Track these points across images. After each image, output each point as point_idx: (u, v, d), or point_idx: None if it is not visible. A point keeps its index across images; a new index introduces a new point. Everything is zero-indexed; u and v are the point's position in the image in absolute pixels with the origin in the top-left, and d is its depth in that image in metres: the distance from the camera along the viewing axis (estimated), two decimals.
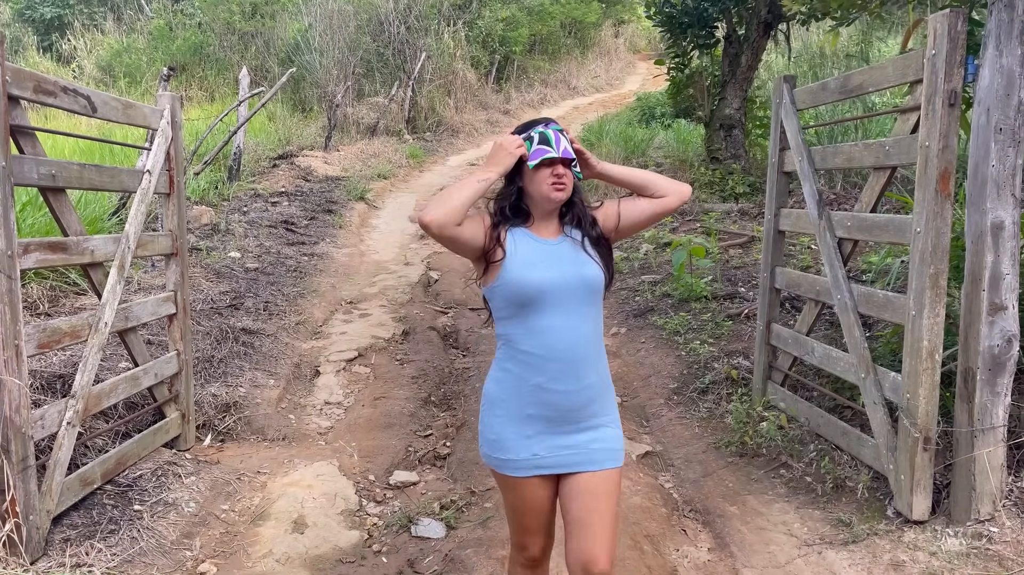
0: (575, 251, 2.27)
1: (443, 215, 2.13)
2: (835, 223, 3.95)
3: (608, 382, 2.33)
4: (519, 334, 2.24)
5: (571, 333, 2.20)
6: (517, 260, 2.23)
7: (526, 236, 2.28)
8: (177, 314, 4.43)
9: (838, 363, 3.90)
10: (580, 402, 2.23)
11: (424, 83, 17.81)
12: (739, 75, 11.03)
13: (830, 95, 4.07)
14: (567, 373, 2.20)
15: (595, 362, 2.26)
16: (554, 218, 2.31)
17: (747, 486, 3.93)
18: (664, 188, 2.30)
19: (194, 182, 9.66)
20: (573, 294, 2.20)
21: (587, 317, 2.23)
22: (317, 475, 4.13)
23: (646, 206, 2.32)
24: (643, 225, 2.40)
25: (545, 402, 2.23)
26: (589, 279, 2.22)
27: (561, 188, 2.23)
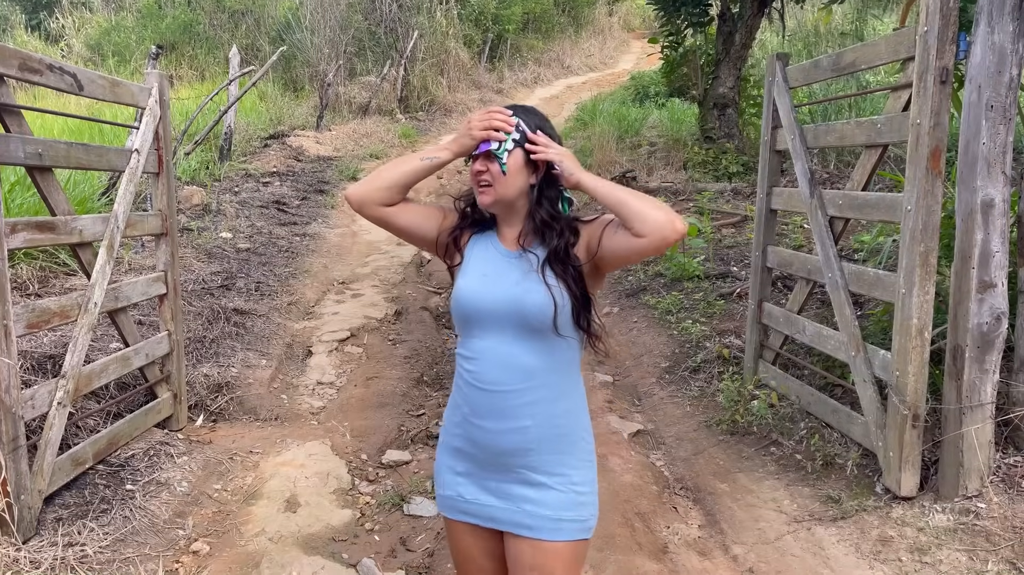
0: (526, 272, 1.87)
1: (363, 191, 1.93)
2: (827, 201, 3.95)
3: (565, 432, 1.90)
4: (462, 353, 1.96)
5: (501, 364, 1.86)
6: (468, 268, 1.95)
7: (488, 243, 1.98)
8: (168, 294, 4.42)
9: (829, 341, 3.91)
10: (507, 447, 1.87)
11: (416, 62, 17.68)
12: (733, 54, 10.97)
13: (823, 73, 4.06)
14: (491, 409, 1.87)
15: (535, 404, 1.86)
16: (517, 225, 1.95)
17: (738, 464, 3.96)
18: (642, 224, 1.72)
19: (184, 162, 9.60)
20: (507, 321, 1.85)
21: (528, 350, 1.86)
22: (309, 455, 4.14)
23: (622, 241, 1.79)
24: (620, 263, 1.89)
25: (469, 437, 1.92)
26: (527, 309, 1.82)
27: (483, 190, 1.89)
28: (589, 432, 1.96)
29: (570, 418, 1.91)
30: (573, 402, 1.94)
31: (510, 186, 1.88)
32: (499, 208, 1.93)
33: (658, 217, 1.72)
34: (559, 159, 1.87)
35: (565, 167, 1.86)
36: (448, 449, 2.00)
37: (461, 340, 1.99)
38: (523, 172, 1.89)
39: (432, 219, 2.02)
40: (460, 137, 1.93)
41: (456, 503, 1.96)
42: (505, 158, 1.88)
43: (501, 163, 1.88)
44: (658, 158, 11.54)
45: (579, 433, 1.93)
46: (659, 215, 1.72)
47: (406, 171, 1.94)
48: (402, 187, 1.95)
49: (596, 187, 1.82)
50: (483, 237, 2.00)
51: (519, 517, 1.87)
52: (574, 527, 1.88)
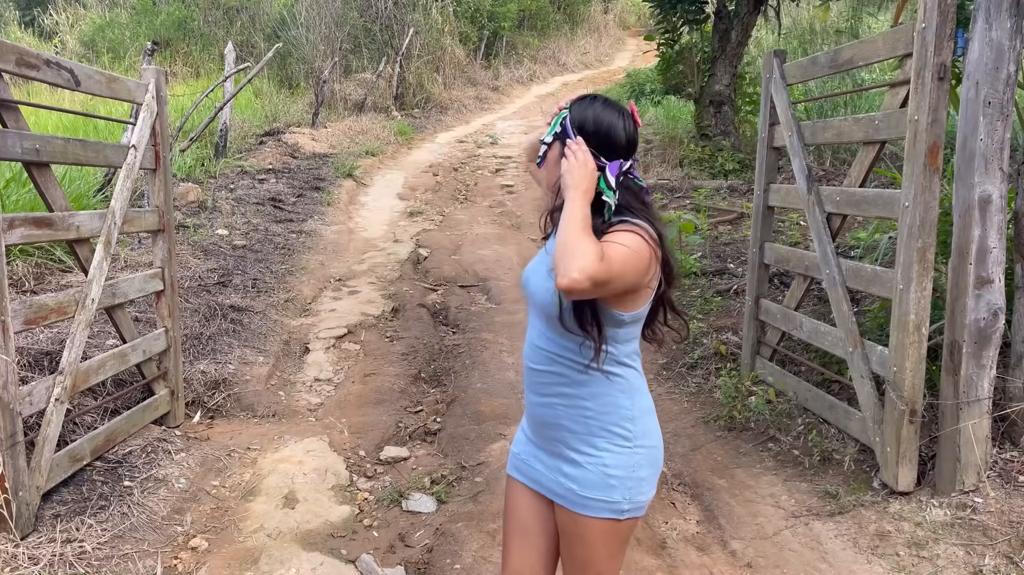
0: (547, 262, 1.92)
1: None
2: (824, 198, 3.96)
3: (592, 417, 1.89)
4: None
5: (533, 343, 1.98)
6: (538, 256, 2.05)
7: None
8: (165, 291, 4.41)
9: (826, 338, 3.92)
10: (542, 419, 1.98)
11: (412, 59, 17.67)
12: (729, 51, 10.98)
13: (820, 69, 4.07)
14: (531, 383, 2.00)
15: (559, 386, 1.92)
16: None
17: (736, 460, 3.97)
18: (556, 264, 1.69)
19: (180, 159, 9.57)
20: (535, 307, 1.96)
21: (545, 337, 1.93)
22: (307, 451, 4.14)
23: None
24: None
25: (527, 405, 2.06)
26: (540, 300, 1.91)
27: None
28: (632, 421, 1.90)
29: (600, 403, 1.89)
30: (603, 388, 1.89)
31: (543, 178, 1.93)
32: (543, 190, 1.99)
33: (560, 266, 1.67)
34: (565, 170, 1.81)
35: (563, 178, 1.82)
36: (526, 414, 2.10)
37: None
38: (556, 168, 1.86)
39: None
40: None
41: (516, 462, 2.09)
42: (543, 149, 1.91)
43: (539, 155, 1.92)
44: (654, 155, 11.55)
45: (613, 419, 1.89)
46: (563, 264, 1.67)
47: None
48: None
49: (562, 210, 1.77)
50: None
51: (555, 487, 1.95)
52: (602, 507, 1.89)
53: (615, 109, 1.88)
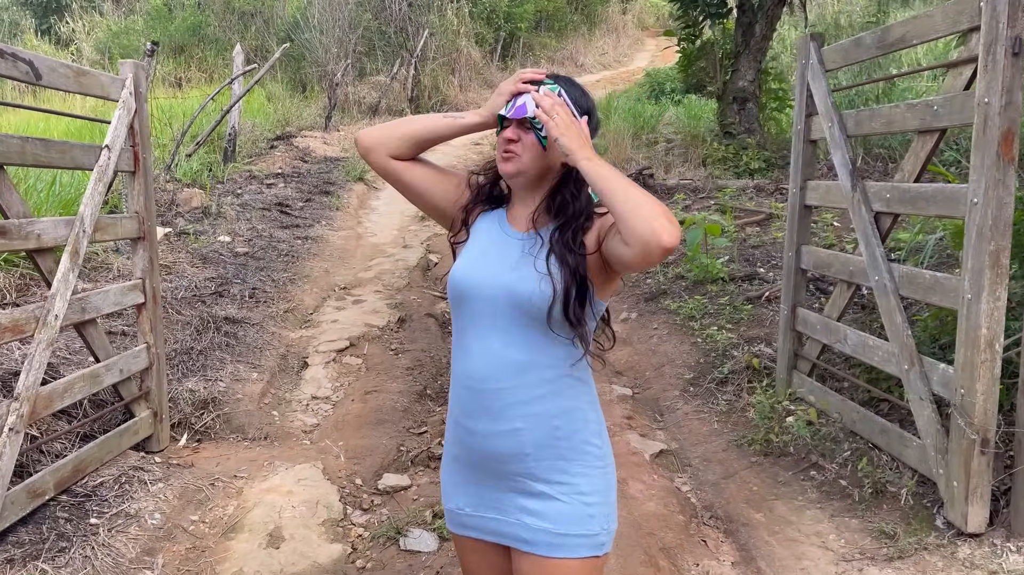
0: (527, 256, 1.68)
1: (376, 137, 1.80)
2: (871, 195, 3.52)
3: (564, 435, 1.68)
4: (454, 347, 1.79)
5: (490, 357, 1.68)
6: (469, 246, 1.79)
7: (495, 221, 1.80)
8: (146, 303, 4.05)
9: (876, 352, 3.49)
10: (500, 452, 1.68)
11: (427, 61, 17.35)
12: (753, 46, 10.53)
13: (865, 51, 3.63)
14: (481, 409, 1.69)
15: (527, 404, 1.66)
16: (531, 203, 1.74)
17: (774, 490, 3.54)
18: (626, 230, 1.48)
19: (186, 164, 9.29)
20: (498, 309, 1.67)
21: (521, 342, 1.66)
22: (298, 480, 3.76)
23: (615, 245, 1.57)
24: (618, 269, 1.65)
25: (463, 442, 1.76)
26: (519, 296, 1.64)
27: (507, 156, 1.69)
28: (599, 436, 1.74)
29: (569, 420, 1.70)
30: (573, 402, 1.71)
31: (542, 161, 1.70)
32: (520, 182, 1.74)
33: (641, 225, 1.46)
34: (558, 134, 1.60)
35: (563, 144, 1.60)
36: (449, 457, 1.84)
37: (454, 330, 1.82)
38: (555, 149, 1.69)
39: (446, 185, 1.86)
40: (493, 99, 1.76)
41: (458, 516, 1.81)
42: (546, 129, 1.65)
43: (541, 136, 1.68)
44: (676, 155, 11.11)
45: (583, 436, 1.71)
46: (642, 223, 1.46)
47: (426, 126, 1.81)
48: (417, 142, 1.81)
49: (591, 173, 1.56)
50: (492, 215, 1.83)
51: (519, 531, 1.70)
52: (582, 543, 1.68)
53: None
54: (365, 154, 1.82)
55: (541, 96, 1.66)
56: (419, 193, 1.85)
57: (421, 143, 1.80)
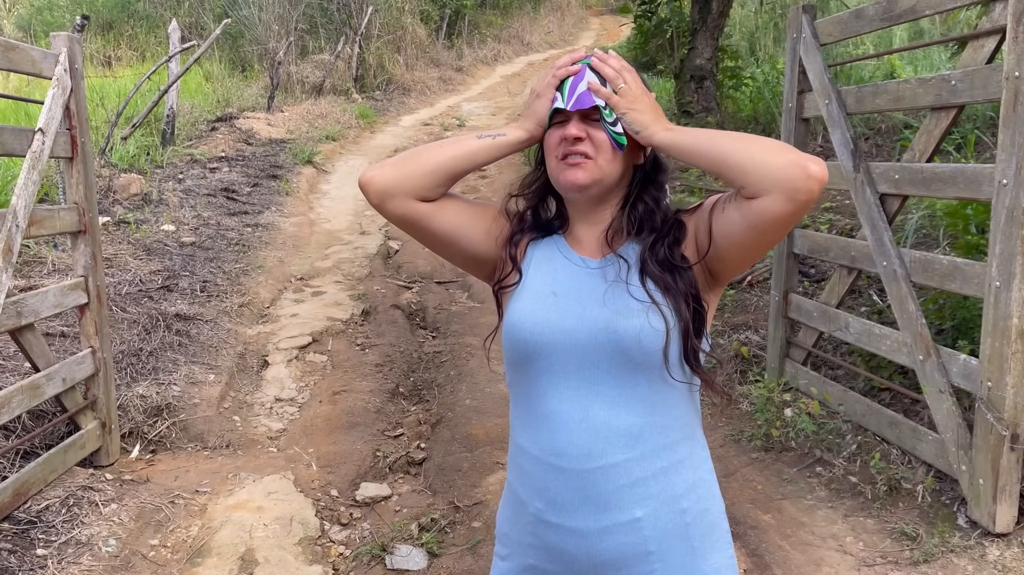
0: (617, 284, 1.30)
1: (392, 177, 1.36)
2: (877, 176, 3.34)
3: (695, 518, 1.30)
4: (518, 418, 1.37)
5: (589, 424, 1.27)
6: (528, 287, 1.38)
7: (554, 250, 1.40)
8: (90, 304, 3.66)
9: (883, 342, 3.32)
10: (613, 555, 1.26)
11: (372, 39, 16.82)
12: (710, 23, 10.39)
13: (868, 24, 3.44)
14: (582, 498, 1.26)
15: (648, 483, 1.27)
16: (600, 223, 1.38)
17: (779, 488, 3.36)
18: (757, 176, 1.16)
19: (122, 148, 8.72)
20: (593, 359, 1.27)
21: (625, 401, 1.27)
22: (268, 493, 3.44)
23: (738, 215, 1.22)
24: (745, 251, 1.27)
25: (549, 547, 1.31)
26: (622, 337, 1.25)
27: (576, 163, 1.31)
28: (725, 516, 1.38)
29: (698, 498, 1.31)
30: (698, 471, 1.33)
31: (619, 164, 1.34)
32: (590, 195, 1.35)
33: (773, 160, 1.16)
34: (626, 106, 1.30)
35: (630, 120, 1.30)
36: (515, 571, 1.37)
37: (516, 398, 1.39)
38: (634, 147, 1.35)
39: (483, 223, 1.44)
40: (530, 106, 1.37)
41: None
42: (619, 126, 1.32)
43: (614, 133, 1.31)
44: None
45: (712, 518, 1.33)
46: (774, 157, 1.16)
47: (460, 152, 1.38)
48: (451, 174, 1.39)
49: (675, 142, 1.26)
50: (545, 243, 1.43)
51: None
52: None
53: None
54: (381, 202, 1.37)
55: (603, 63, 1.32)
56: (452, 241, 1.42)
57: (455, 175, 1.38)
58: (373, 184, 1.36)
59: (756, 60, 13.19)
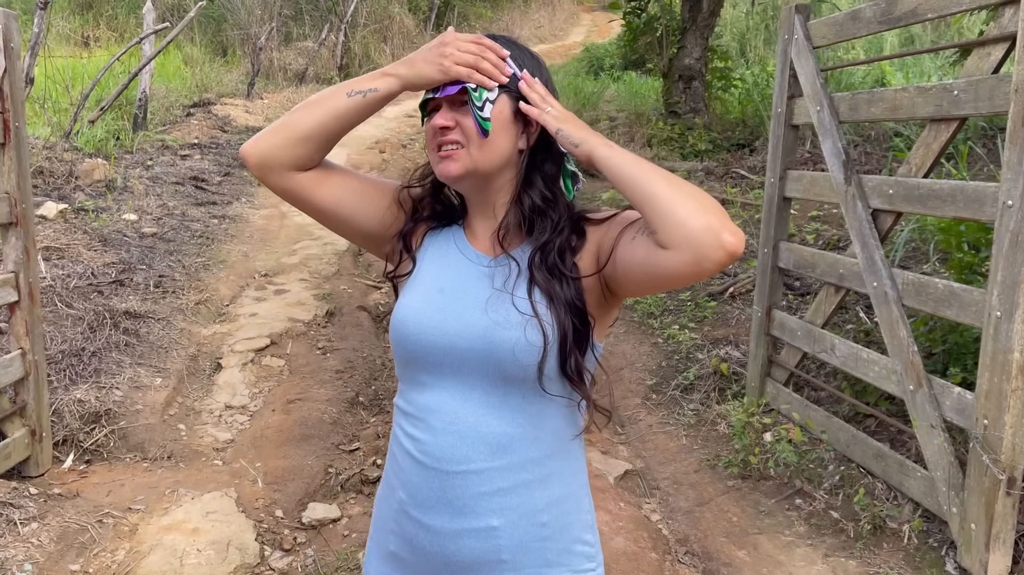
0: (501, 292, 1.23)
1: (268, 145, 1.28)
2: (869, 190, 3.12)
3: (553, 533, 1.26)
4: (401, 407, 1.32)
5: (457, 429, 1.23)
6: (418, 280, 1.32)
7: (450, 242, 1.34)
8: (20, 302, 3.39)
9: (871, 368, 3.11)
10: (464, 558, 1.23)
11: (358, 27, 16.53)
12: (700, 22, 10.19)
13: (864, 26, 3.21)
14: (440, 499, 1.23)
15: (508, 494, 1.23)
16: (493, 216, 1.30)
17: (756, 521, 3.14)
18: (669, 228, 1.08)
19: (88, 131, 8.40)
20: (468, 365, 1.22)
21: (495, 410, 1.22)
22: (206, 513, 3.18)
23: (642, 251, 1.14)
24: (639, 285, 1.20)
25: (407, 538, 1.28)
26: (498, 349, 1.19)
27: (447, 154, 1.24)
28: (592, 530, 1.33)
29: (560, 513, 1.27)
30: (566, 487, 1.29)
31: (492, 151, 1.25)
32: (469, 185, 1.29)
33: (693, 219, 1.07)
34: (557, 124, 1.22)
35: (567, 134, 1.21)
36: (381, 552, 1.35)
37: (402, 386, 1.34)
38: (510, 130, 1.26)
39: (377, 201, 1.35)
40: (417, 60, 1.25)
41: None
42: (487, 109, 1.23)
43: (480, 118, 1.23)
44: (620, 134, 10.67)
45: (575, 533, 1.29)
46: (695, 217, 1.08)
47: (328, 111, 1.27)
48: (323, 139, 1.28)
49: (612, 162, 1.16)
50: (444, 234, 1.36)
51: None
52: None
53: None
54: (262, 176, 1.29)
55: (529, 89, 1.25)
56: (340, 218, 1.34)
57: (328, 138, 1.28)
58: (250, 157, 1.29)
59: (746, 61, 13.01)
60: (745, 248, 1.12)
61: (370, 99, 1.26)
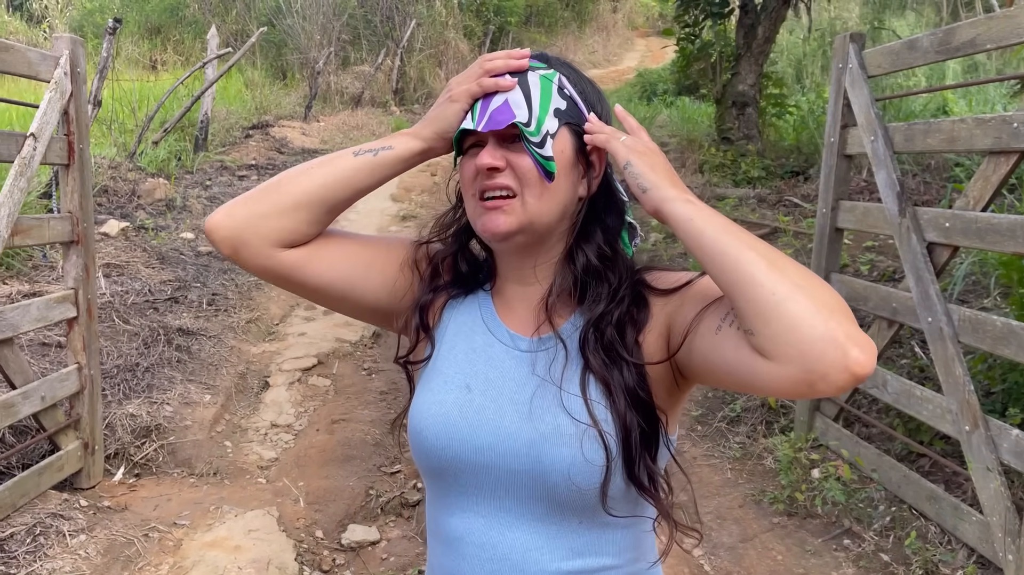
0: (549, 390, 0.99)
1: (243, 219, 1.03)
2: (925, 223, 3.04)
3: None
4: (431, 532, 1.11)
5: (499, 566, 1.00)
6: (436, 370, 1.08)
7: (477, 317, 1.09)
8: (79, 318, 3.49)
9: (925, 406, 3.01)
10: None
11: (414, 52, 16.82)
12: (755, 48, 10.10)
13: (921, 56, 3.15)
14: None
15: None
16: (536, 281, 1.06)
17: (802, 560, 3.05)
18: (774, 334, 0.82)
19: (152, 152, 8.69)
20: (514, 491, 0.99)
21: (548, 542, 0.99)
22: (249, 531, 3.22)
23: (732, 353, 0.89)
24: (721, 384, 0.96)
25: None
26: (548, 471, 0.96)
27: (496, 205, 0.99)
28: None
29: None
30: None
31: (554, 199, 1.00)
32: (516, 244, 1.02)
33: (813, 327, 0.80)
34: (627, 153, 0.96)
35: (636, 172, 0.95)
36: None
37: (429, 496, 1.10)
38: (571, 173, 1.01)
39: (382, 266, 1.10)
40: (432, 111, 1.04)
41: None
42: (548, 146, 0.98)
43: (541, 157, 0.97)
44: (671, 159, 10.62)
45: None
46: (814, 321, 0.80)
47: (329, 179, 1.04)
48: (322, 209, 1.05)
49: (692, 224, 0.89)
50: (467, 304, 1.10)
51: None
52: None
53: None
54: (233, 253, 1.05)
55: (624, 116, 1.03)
56: (337, 297, 1.10)
57: (329, 203, 1.06)
58: (219, 231, 1.03)
59: (802, 88, 12.85)
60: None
61: (382, 159, 1.05)
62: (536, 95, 0.99)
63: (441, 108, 1.04)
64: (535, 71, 1.02)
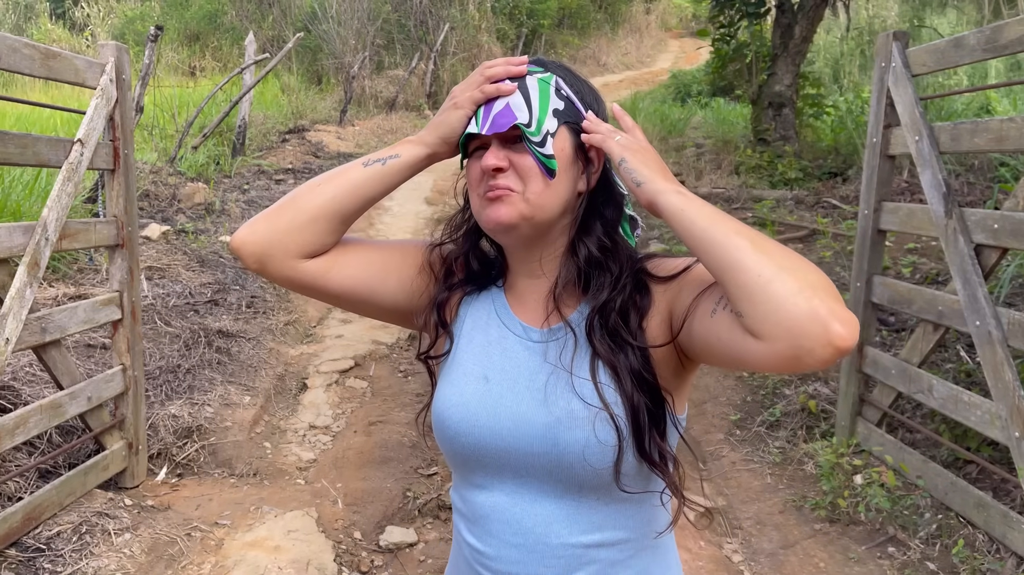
0: (560, 372, 1.06)
1: (266, 234, 1.10)
2: (972, 224, 2.98)
3: None
4: (459, 507, 1.16)
5: (523, 540, 1.07)
6: (456, 363, 1.14)
7: (491, 311, 1.16)
8: (123, 320, 3.56)
9: (973, 411, 2.94)
10: None
11: (447, 56, 16.90)
12: (791, 48, 9.98)
13: (968, 54, 3.08)
14: None
15: None
16: (542, 274, 1.12)
17: (845, 568, 3.00)
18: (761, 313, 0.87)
19: (192, 156, 8.84)
20: (535, 471, 1.06)
21: (566, 517, 1.06)
22: (288, 531, 3.26)
23: (725, 333, 0.94)
24: (722, 364, 1.01)
25: None
26: (565, 453, 1.03)
27: (497, 195, 1.06)
28: None
29: None
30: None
31: (554, 195, 1.07)
32: (519, 237, 1.09)
33: (797, 305, 0.84)
34: (621, 151, 1.04)
35: (631, 167, 1.02)
36: None
37: (455, 479, 1.18)
38: (571, 170, 1.09)
39: (400, 268, 1.18)
40: (436, 118, 1.12)
41: None
42: (548, 145, 1.05)
43: (542, 156, 1.05)
44: (706, 161, 10.56)
45: None
46: (797, 299, 0.84)
47: (343, 188, 1.12)
48: (336, 219, 1.12)
49: (684, 215, 0.95)
50: (481, 300, 1.18)
51: None
52: None
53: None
54: (260, 268, 1.12)
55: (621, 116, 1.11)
56: (360, 300, 1.17)
57: (342, 218, 1.13)
58: (244, 247, 1.10)
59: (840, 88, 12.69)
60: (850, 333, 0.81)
61: (391, 167, 1.12)
62: (535, 97, 1.06)
63: (445, 114, 1.11)
64: (533, 75, 1.08)
